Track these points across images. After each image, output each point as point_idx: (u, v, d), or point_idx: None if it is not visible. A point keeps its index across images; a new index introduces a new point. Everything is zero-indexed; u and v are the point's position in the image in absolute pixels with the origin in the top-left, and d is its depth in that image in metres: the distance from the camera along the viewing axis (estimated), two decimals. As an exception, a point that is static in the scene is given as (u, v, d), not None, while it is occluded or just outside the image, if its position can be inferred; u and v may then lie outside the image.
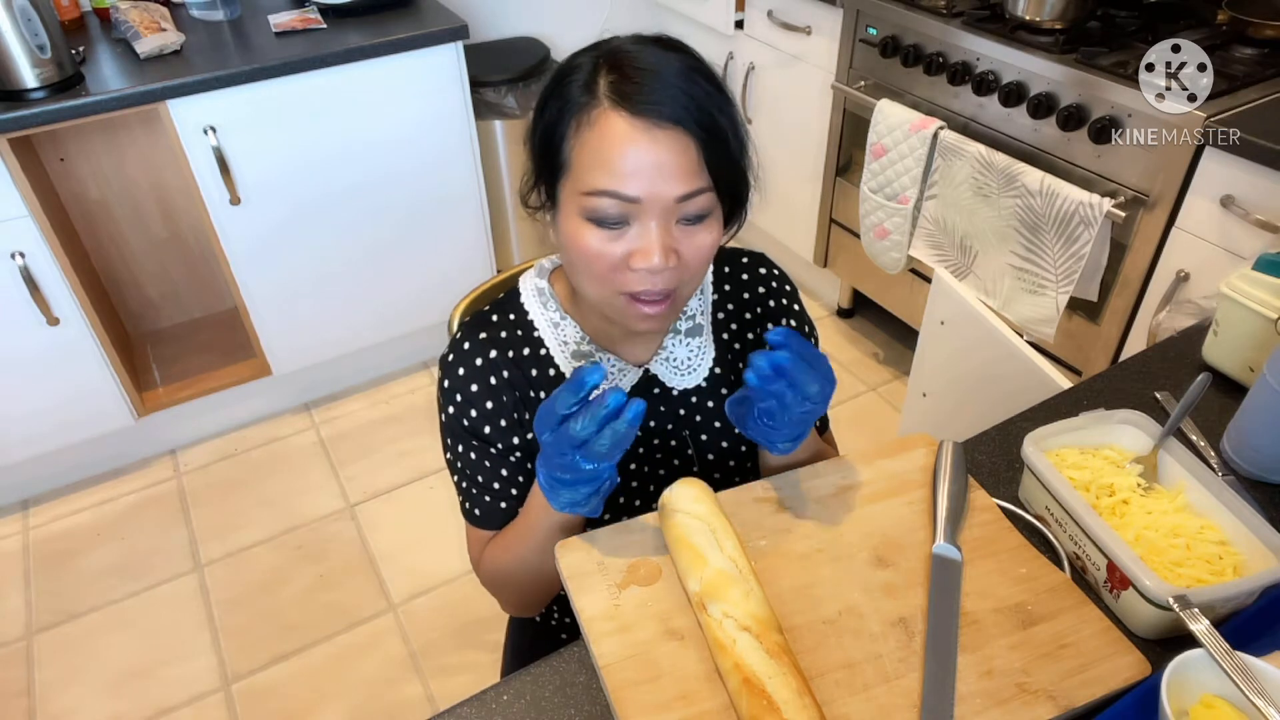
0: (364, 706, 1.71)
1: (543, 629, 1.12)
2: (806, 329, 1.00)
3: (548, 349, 0.89)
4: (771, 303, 0.97)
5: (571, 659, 0.73)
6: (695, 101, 0.74)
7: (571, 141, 0.75)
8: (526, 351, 0.89)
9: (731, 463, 0.96)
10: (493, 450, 0.88)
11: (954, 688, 0.66)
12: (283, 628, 1.86)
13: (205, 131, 1.87)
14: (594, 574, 0.75)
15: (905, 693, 0.66)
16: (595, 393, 0.69)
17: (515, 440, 0.89)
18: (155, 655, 1.82)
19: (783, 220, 2.64)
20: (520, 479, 0.90)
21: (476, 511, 0.92)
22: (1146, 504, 0.79)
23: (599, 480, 0.74)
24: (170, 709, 1.72)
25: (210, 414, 2.31)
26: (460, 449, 0.90)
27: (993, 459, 0.91)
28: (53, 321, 1.90)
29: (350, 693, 1.74)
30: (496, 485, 0.90)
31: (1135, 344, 1.76)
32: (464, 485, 0.92)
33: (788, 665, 0.65)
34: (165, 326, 2.49)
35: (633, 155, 0.72)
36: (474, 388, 0.87)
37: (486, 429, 0.87)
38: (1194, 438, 0.92)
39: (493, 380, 0.87)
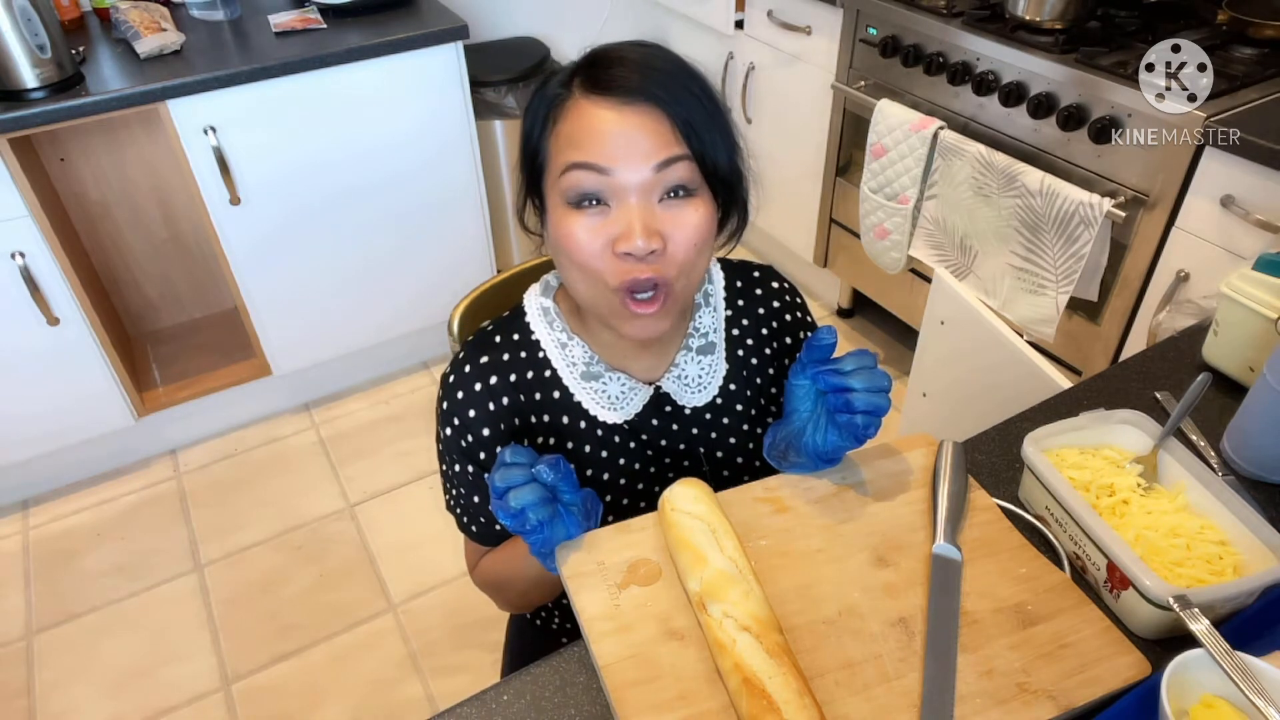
0: (364, 706, 1.71)
1: (543, 629, 1.12)
2: None
3: (554, 370, 0.88)
4: (788, 316, 0.96)
5: (571, 659, 0.73)
6: (662, 74, 0.75)
7: (548, 136, 0.77)
8: (530, 375, 0.87)
9: (746, 478, 0.95)
10: (486, 476, 0.88)
11: (954, 688, 0.66)
12: (283, 628, 1.86)
13: (205, 131, 1.87)
14: (594, 574, 0.75)
15: (905, 693, 0.66)
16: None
17: None
18: (155, 655, 1.82)
19: (783, 220, 2.64)
20: None
21: (473, 528, 0.92)
22: (1146, 504, 0.79)
23: (527, 536, 0.74)
24: (170, 709, 1.72)
25: (210, 414, 2.31)
26: (458, 469, 0.89)
27: (993, 459, 0.91)
28: (53, 321, 1.90)
29: (350, 693, 1.74)
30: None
31: (1135, 344, 1.76)
32: (461, 502, 0.92)
33: (788, 665, 0.65)
34: (165, 326, 2.49)
35: (601, 129, 0.73)
36: (472, 413, 0.86)
37: (482, 454, 0.87)
38: (1194, 438, 0.92)
39: (491, 406, 0.86)
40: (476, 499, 0.90)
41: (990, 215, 1.86)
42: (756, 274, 0.97)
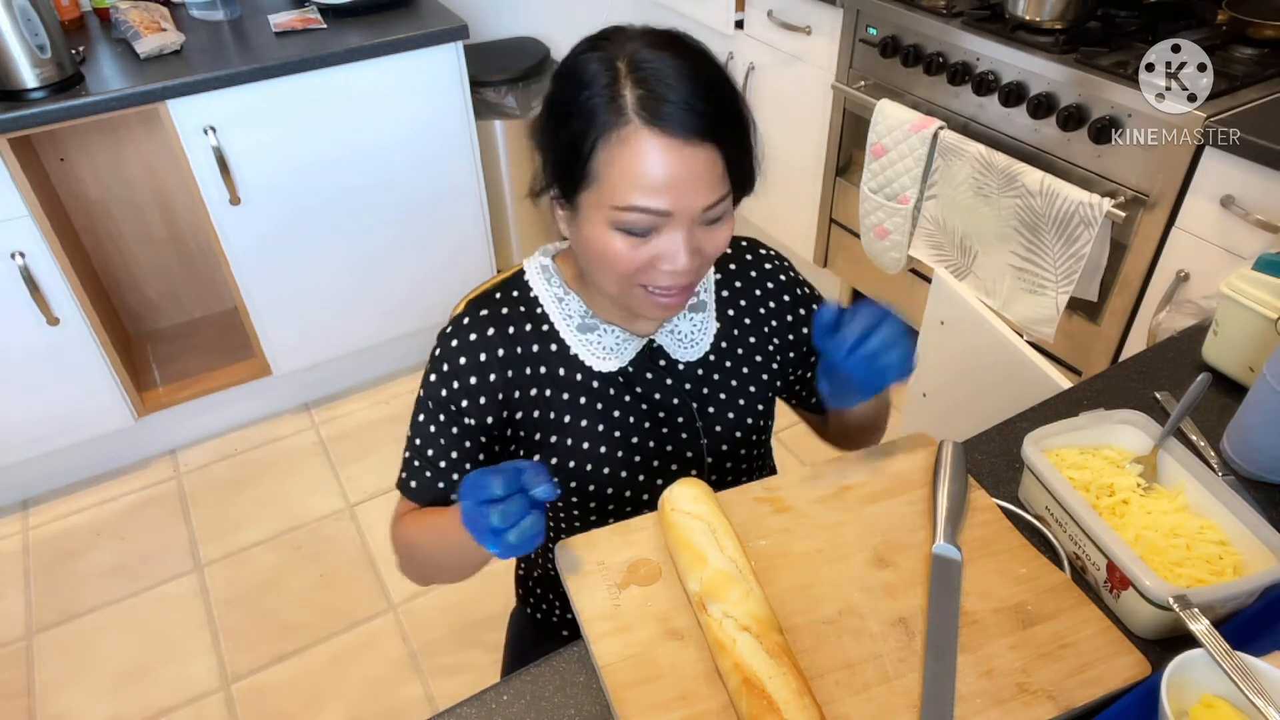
0: (364, 706, 1.71)
1: (543, 628, 1.12)
2: (818, 295, 1.02)
3: (552, 324, 0.90)
4: (782, 277, 0.99)
5: (571, 659, 0.73)
6: (723, 113, 0.76)
7: (601, 156, 0.75)
8: (529, 327, 0.90)
9: (737, 433, 0.97)
10: (455, 427, 0.89)
11: (954, 688, 0.66)
12: (283, 628, 1.86)
13: (205, 131, 1.87)
14: (594, 574, 0.75)
15: (905, 693, 0.66)
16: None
17: (489, 420, 0.89)
18: (155, 655, 1.82)
19: (783, 220, 2.64)
20: (467, 466, 0.91)
21: (413, 484, 0.93)
22: (1146, 504, 0.79)
23: (496, 537, 0.69)
24: (170, 709, 1.72)
25: (210, 414, 2.31)
26: (422, 418, 0.91)
27: (993, 459, 0.91)
28: (53, 321, 1.90)
29: (350, 693, 1.74)
30: (443, 464, 0.90)
31: (1135, 344, 1.76)
32: (411, 457, 0.93)
33: (788, 665, 0.65)
34: (165, 326, 2.49)
35: (664, 172, 0.74)
36: (463, 360, 0.88)
37: (464, 402, 0.88)
38: (1194, 438, 0.92)
39: (483, 356, 0.88)
40: (430, 452, 0.91)
41: (990, 215, 1.86)
42: (745, 243, 1.01)
